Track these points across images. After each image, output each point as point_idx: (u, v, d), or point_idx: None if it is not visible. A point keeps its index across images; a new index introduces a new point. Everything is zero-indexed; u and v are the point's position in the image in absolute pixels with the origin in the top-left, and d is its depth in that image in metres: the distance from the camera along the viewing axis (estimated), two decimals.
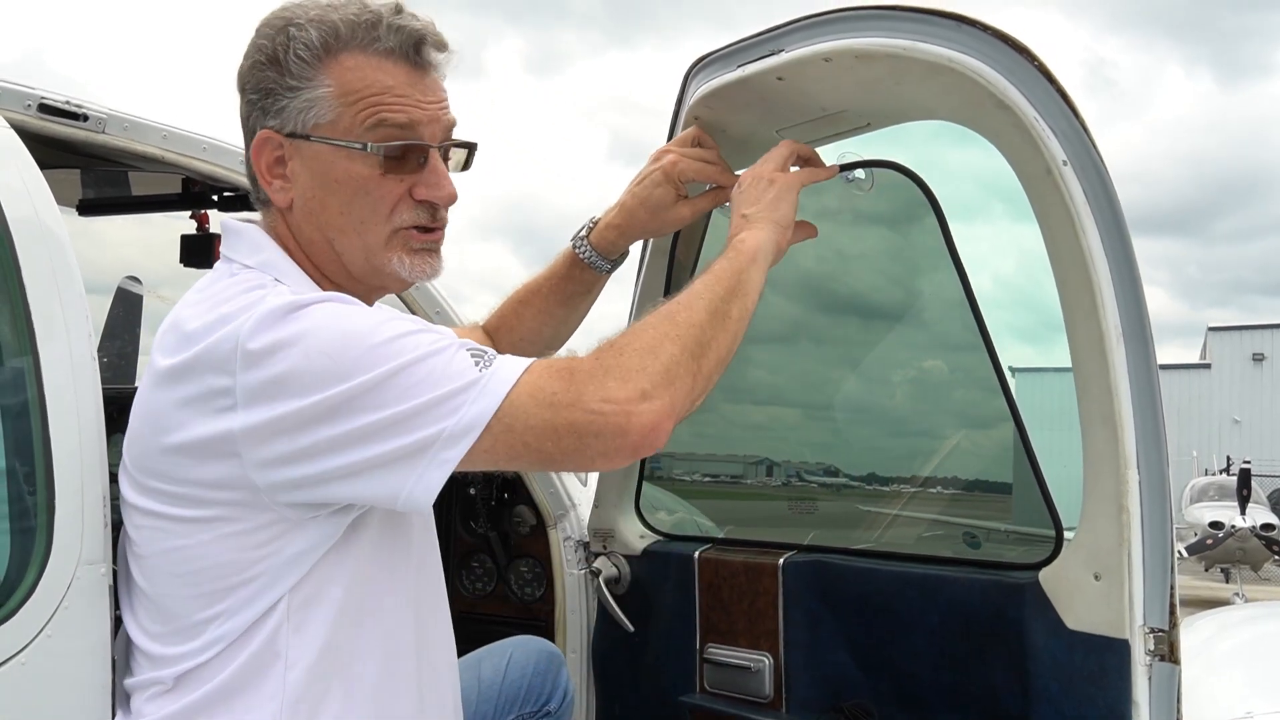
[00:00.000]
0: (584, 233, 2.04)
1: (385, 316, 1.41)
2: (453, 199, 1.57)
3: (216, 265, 1.58)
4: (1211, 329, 40.36)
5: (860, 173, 2.09)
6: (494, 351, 1.40)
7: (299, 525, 1.42)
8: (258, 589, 1.42)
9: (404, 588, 1.56)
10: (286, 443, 1.35)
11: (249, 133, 1.55)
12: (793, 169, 1.85)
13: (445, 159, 1.57)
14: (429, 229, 1.57)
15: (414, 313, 2.80)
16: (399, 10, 1.52)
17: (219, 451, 1.38)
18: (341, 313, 1.40)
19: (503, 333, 2.12)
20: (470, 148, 1.62)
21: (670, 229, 2.07)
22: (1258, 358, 38.10)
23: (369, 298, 1.59)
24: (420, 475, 1.35)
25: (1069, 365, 1.82)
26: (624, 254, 2.08)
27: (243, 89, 1.54)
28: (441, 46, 1.55)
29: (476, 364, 1.36)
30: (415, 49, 1.52)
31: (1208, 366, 38.53)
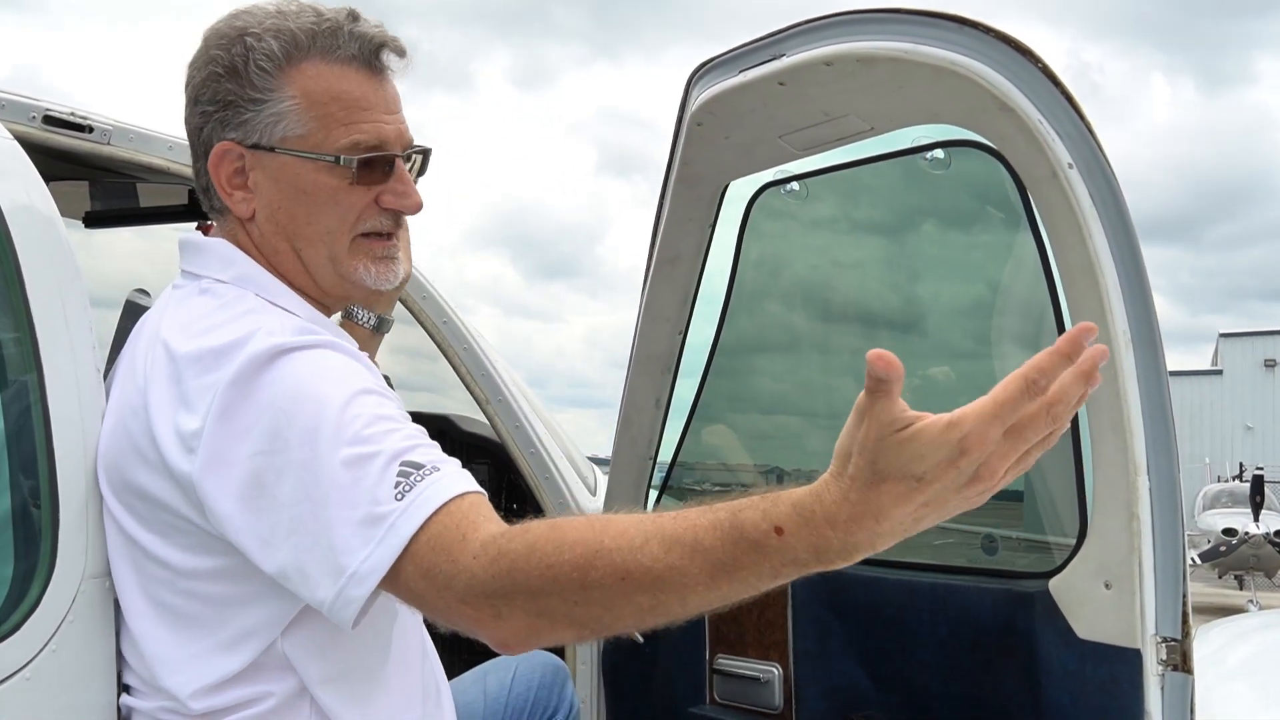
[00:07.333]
0: None
1: (357, 389, 1.31)
2: (419, 208, 1.55)
3: (179, 281, 1.55)
4: (1223, 335, 40.17)
5: (939, 153, 2.07)
6: (431, 463, 1.26)
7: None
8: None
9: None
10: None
11: (203, 144, 1.52)
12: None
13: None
14: (388, 235, 1.55)
15: (421, 324, 2.79)
16: (356, 17, 1.50)
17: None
18: (320, 371, 1.33)
19: None
20: (427, 153, 1.60)
21: None
22: (1269, 364, 37.90)
23: (333, 309, 1.59)
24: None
25: None
26: None
27: (195, 100, 1.50)
28: (401, 52, 1.53)
29: (397, 490, 1.23)
30: (375, 55, 1.51)
31: (1219, 373, 38.33)
